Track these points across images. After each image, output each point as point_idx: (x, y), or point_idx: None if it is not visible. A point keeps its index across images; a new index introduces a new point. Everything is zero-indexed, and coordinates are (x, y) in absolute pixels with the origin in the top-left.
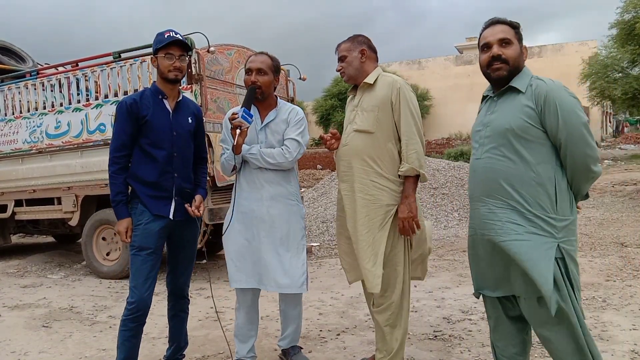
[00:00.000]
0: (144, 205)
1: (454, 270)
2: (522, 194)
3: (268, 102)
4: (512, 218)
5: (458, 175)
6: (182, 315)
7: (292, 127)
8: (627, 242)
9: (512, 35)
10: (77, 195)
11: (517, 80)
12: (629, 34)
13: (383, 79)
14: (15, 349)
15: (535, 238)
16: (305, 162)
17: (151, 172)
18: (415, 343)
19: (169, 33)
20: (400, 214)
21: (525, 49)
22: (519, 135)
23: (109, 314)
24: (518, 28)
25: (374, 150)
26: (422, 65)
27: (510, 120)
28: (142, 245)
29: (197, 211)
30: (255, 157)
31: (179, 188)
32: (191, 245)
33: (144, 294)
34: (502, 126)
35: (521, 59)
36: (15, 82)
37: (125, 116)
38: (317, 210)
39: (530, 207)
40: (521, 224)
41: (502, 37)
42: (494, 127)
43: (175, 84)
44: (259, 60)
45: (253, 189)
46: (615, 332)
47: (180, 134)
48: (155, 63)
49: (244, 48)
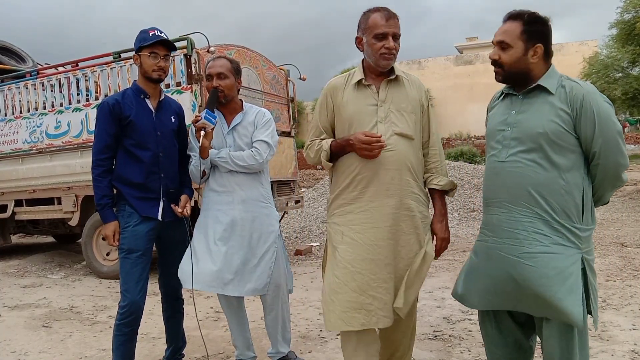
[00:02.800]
0: (131, 207)
1: (454, 270)
2: (550, 203)
3: (232, 105)
4: (539, 228)
5: (458, 175)
6: (178, 316)
7: (260, 128)
8: (627, 242)
9: (516, 36)
10: (77, 195)
11: (546, 80)
12: (629, 34)
13: (409, 76)
14: (15, 349)
15: (561, 250)
16: (305, 162)
17: (137, 173)
18: (415, 343)
19: (153, 31)
20: (439, 234)
21: (539, 48)
22: (552, 141)
23: (109, 314)
24: (535, 24)
25: (415, 158)
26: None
27: (543, 124)
28: (131, 248)
29: (184, 211)
30: (225, 160)
31: (166, 189)
32: (181, 246)
33: (136, 297)
34: (534, 129)
35: (524, 61)
36: (15, 82)
37: (108, 117)
38: (317, 210)
39: (557, 216)
40: (547, 234)
41: (501, 39)
42: (523, 129)
43: (158, 83)
44: (218, 64)
45: (224, 192)
46: (615, 332)
47: (164, 134)
48: (137, 61)
49: (243, 48)
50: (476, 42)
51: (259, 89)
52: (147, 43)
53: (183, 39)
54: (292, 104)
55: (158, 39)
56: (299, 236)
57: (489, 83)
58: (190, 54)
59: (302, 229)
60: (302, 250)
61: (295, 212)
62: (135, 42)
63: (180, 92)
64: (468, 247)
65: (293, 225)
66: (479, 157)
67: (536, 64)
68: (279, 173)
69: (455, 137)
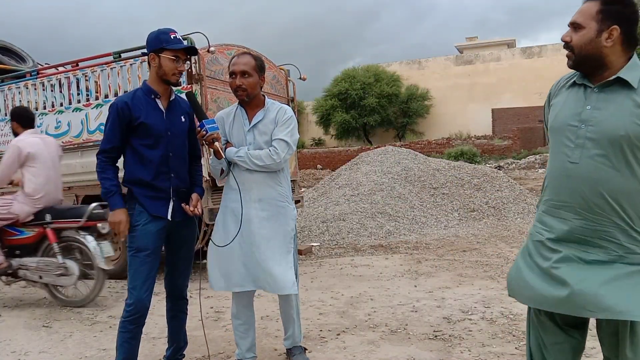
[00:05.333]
0: (141, 206)
1: (454, 270)
2: (626, 211)
3: (255, 102)
4: (615, 237)
5: (458, 175)
6: (182, 316)
7: (280, 126)
8: None
9: (590, 16)
10: (77, 195)
11: (627, 72)
12: None
13: None
14: (15, 349)
15: (638, 259)
16: (305, 162)
17: (147, 173)
18: (415, 343)
19: (174, 34)
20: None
21: (614, 31)
22: (633, 144)
23: (109, 313)
24: (615, 4)
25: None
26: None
27: (625, 125)
28: (140, 246)
29: (195, 210)
30: (243, 159)
31: (176, 188)
32: (189, 245)
33: (143, 295)
34: (616, 131)
35: (596, 43)
36: (15, 82)
37: (116, 119)
38: (317, 210)
39: (634, 225)
40: (623, 243)
41: (574, 20)
42: (602, 129)
43: (175, 86)
44: (242, 62)
45: (242, 190)
46: None
47: (174, 134)
48: (155, 61)
49: (244, 48)
50: (476, 42)
51: None
52: (172, 46)
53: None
54: (292, 104)
55: (185, 46)
56: (299, 236)
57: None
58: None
59: (302, 229)
60: (302, 250)
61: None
62: (153, 42)
63: (180, 92)
64: (468, 247)
65: None
66: (478, 157)
67: (612, 49)
68: None
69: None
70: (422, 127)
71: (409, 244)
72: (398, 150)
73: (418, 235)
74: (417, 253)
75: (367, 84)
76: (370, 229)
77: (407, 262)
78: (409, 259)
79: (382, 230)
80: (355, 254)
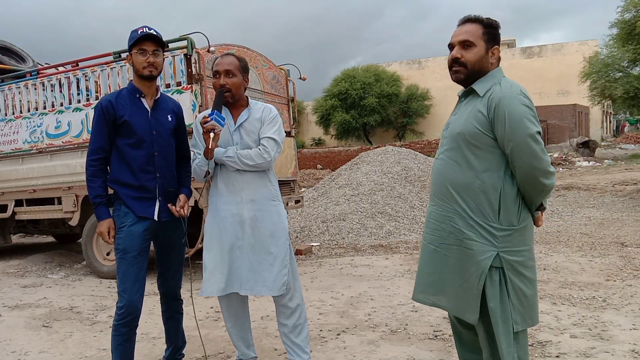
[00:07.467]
0: (127, 207)
1: None
2: (465, 200)
3: (240, 102)
4: (455, 223)
5: None
6: (177, 317)
7: (267, 125)
8: (627, 242)
9: (478, 37)
10: (77, 195)
11: (479, 84)
12: (630, 34)
13: None
14: (15, 349)
15: (473, 245)
16: (305, 162)
17: (132, 173)
18: (415, 343)
19: (142, 29)
20: None
21: (496, 50)
22: (468, 141)
23: (109, 313)
24: (491, 27)
25: None
26: (422, 65)
27: (463, 125)
28: (127, 248)
29: (182, 211)
30: (233, 160)
31: (162, 188)
32: (179, 246)
33: (134, 297)
34: (456, 130)
35: (485, 61)
36: (15, 82)
37: (101, 118)
38: (317, 210)
39: (472, 214)
40: (462, 228)
41: (464, 39)
42: (451, 129)
43: (152, 80)
44: (226, 62)
45: (232, 192)
46: (615, 332)
47: (160, 133)
48: (130, 61)
49: (244, 48)
50: None
51: (259, 89)
52: (134, 40)
53: (183, 39)
54: (292, 104)
55: (143, 34)
56: (299, 236)
57: None
58: (191, 54)
59: (302, 229)
60: (302, 250)
61: (295, 212)
62: (128, 43)
63: (181, 92)
64: None
65: (293, 225)
66: None
67: (493, 66)
68: (279, 173)
69: None
70: (422, 127)
71: (409, 244)
72: (398, 150)
73: (418, 235)
74: (417, 253)
75: (367, 83)
76: (370, 229)
77: (407, 262)
78: (409, 259)
79: (382, 230)
80: (355, 254)
